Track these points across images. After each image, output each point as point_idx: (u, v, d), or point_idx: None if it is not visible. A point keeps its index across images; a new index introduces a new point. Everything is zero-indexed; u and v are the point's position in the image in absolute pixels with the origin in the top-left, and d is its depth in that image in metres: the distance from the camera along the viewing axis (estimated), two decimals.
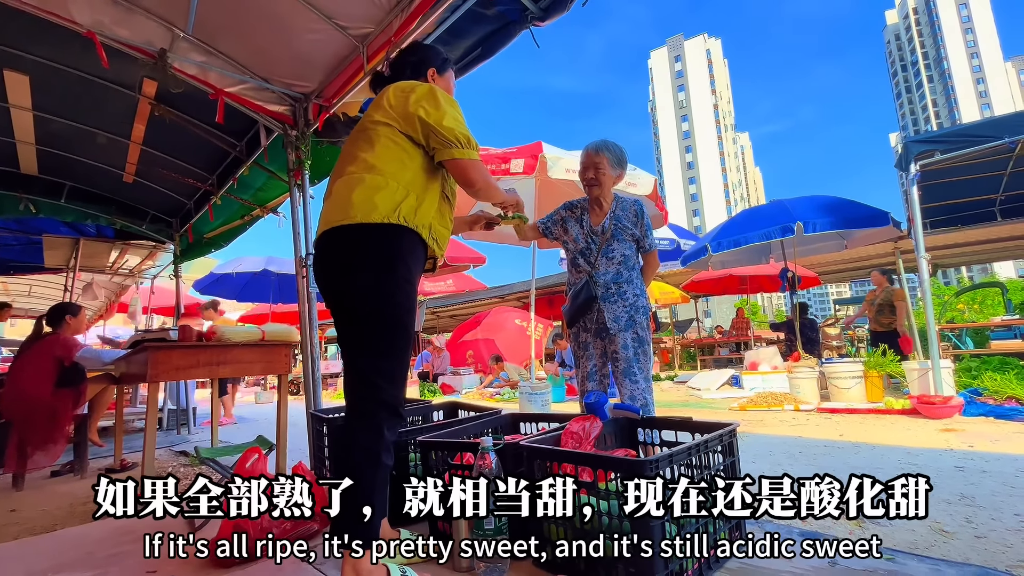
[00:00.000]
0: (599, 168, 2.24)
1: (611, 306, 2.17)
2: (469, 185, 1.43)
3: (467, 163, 1.41)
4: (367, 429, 1.26)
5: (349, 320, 1.34)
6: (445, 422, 2.14)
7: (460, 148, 1.39)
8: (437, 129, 1.38)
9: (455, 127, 1.39)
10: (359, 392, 1.30)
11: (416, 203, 1.37)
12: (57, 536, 1.93)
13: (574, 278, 2.31)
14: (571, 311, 2.24)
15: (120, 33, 2.40)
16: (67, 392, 3.21)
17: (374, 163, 1.37)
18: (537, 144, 4.37)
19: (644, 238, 2.27)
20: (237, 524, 1.48)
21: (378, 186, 1.34)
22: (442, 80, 1.65)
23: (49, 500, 2.67)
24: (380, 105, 1.46)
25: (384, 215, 1.31)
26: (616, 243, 2.23)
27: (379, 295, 1.30)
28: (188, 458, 3.63)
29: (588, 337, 2.27)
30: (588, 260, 2.25)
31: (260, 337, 2.80)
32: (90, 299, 7.40)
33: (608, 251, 2.22)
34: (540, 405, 4.97)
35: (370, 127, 1.44)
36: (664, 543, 1.14)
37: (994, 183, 6.19)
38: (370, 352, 1.31)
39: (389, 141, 1.40)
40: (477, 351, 10.22)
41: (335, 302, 1.37)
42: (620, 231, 2.23)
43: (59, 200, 4.42)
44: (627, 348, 2.15)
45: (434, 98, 1.41)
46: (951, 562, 1.29)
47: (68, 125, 3.46)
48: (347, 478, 1.23)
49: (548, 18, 2.24)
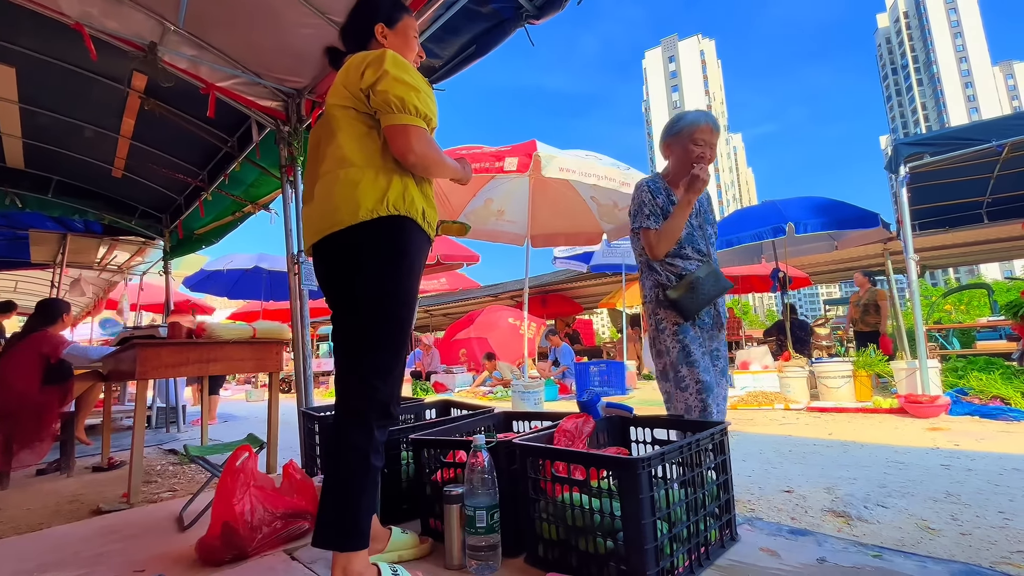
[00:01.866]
0: (714, 147, 1.95)
1: (721, 299, 1.95)
2: (402, 156, 1.25)
3: (397, 129, 1.23)
4: (358, 429, 1.22)
5: (349, 317, 1.29)
6: (437, 420, 2.14)
7: (392, 113, 1.22)
8: (373, 94, 1.24)
9: (389, 89, 1.22)
10: (354, 390, 1.25)
11: (402, 188, 1.27)
12: (42, 535, 1.90)
13: (673, 271, 1.89)
14: (697, 301, 1.83)
15: (109, 25, 2.36)
16: (54, 389, 3.16)
17: (343, 155, 1.26)
18: (531, 142, 4.37)
19: (713, 224, 2.03)
20: (227, 523, 1.47)
21: (355, 180, 1.24)
22: (395, 35, 1.43)
23: (34, 499, 2.63)
24: (335, 87, 1.33)
25: (371, 209, 1.22)
26: (709, 227, 1.99)
27: (384, 292, 1.24)
28: (177, 456, 3.59)
29: (698, 334, 1.88)
30: (696, 247, 1.93)
31: (251, 335, 2.78)
32: (77, 295, 7.29)
33: (708, 235, 1.97)
34: (533, 404, 4.97)
35: (330, 114, 1.33)
36: (655, 541, 1.14)
37: (981, 186, 6.27)
38: (370, 349, 1.25)
39: (351, 125, 1.28)
40: (470, 349, 10.21)
41: (336, 302, 1.32)
42: (705, 212, 2.00)
43: (46, 195, 4.36)
44: (724, 345, 1.96)
45: (378, 62, 1.25)
46: (937, 559, 1.31)
47: (56, 118, 3.40)
48: (336, 478, 1.20)
49: (543, 16, 2.24)
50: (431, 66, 2.69)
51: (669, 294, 1.83)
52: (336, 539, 1.17)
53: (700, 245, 1.94)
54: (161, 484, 2.83)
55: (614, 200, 5.33)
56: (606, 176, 4.47)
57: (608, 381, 6.85)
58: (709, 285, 1.85)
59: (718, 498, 1.42)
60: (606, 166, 4.53)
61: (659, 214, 1.91)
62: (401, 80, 1.24)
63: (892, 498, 2.09)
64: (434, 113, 1.31)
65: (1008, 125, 4.38)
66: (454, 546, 1.36)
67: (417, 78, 1.30)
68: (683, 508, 1.26)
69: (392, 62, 1.26)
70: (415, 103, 1.24)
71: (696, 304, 1.83)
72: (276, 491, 1.67)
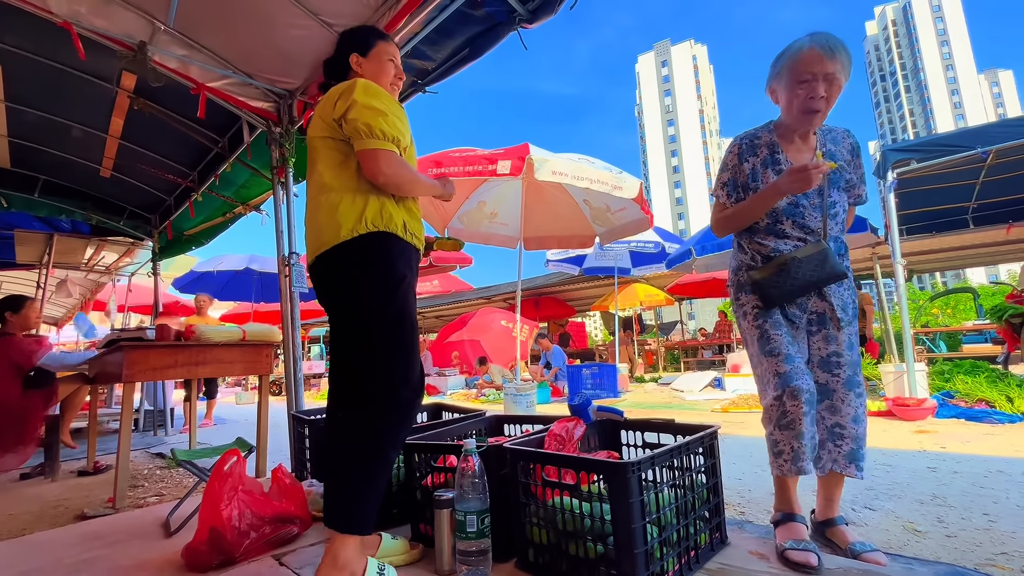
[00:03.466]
0: (834, 80, 1.40)
1: (838, 289, 1.52)
2: (373, 178, 1.33)
3: (367, 153, 1.32)
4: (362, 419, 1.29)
5: (346, 328, 1.38)
6: (429, 424, 2.13)
7: (362, 138, 1.31)
8: (345, 123, 1.32)
9: (358, 116, 1.31)
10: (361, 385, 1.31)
11: (379, 206, 1.36)
12: (25, 541, 1.87)
13: (761, 252, 1.54)
14: (784, 286, 1.47)
15: (98, 24, 2.34)
16: (37, 393, 3.10)
17: (323, 182, 1.37)
18: (524, 146, 4.37)
19: (861, 184, 1.58)
20: (214, 528, 1.45)
21: (335, 204, 1.34)
22: (369, 62, 1.50)
23: (17, 503, 2.58)
24: (314, 119, 1.43)
25: (351, 229, 1.31)
26: (836, 193, 1.53)
27: (373, 302, 1.32)
28: (164, 460, 3.55)
29: (787, 330, 1.51)
30: (801, 221, 1.51)
31: (241, 337, 2.75)
32: (64, 296, 7.19)
33: (831, 206, 1.52)
34: (525, 406, 4.97)
35: (311, 146, 1.43)
36: (645, 545, 1.14)
37: (967, 191, 6.38)
38: (368, 351, 1.32)
39: (328, 153, 1.38)
40: (463, 352, 10.19)
41: (333, 317, 1.42)
42: (838, 174, 1.53)
43: (32, 194, 4.30)
44: (852, 348, 1.50)
45: (348, 92, 1.34)
46: (923, 560, 1.33)
47: (42, 117, 3.36)
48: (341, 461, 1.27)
49: (536, 20, 2.25)
50: (424, 68, 2.69)
51: (752, 275, 1.53)
52: (335, 520, 1.24)
53: (809, 220, 1.50)
54: (148, 488, 2.79)
55: (606, 203, 5.35)
56: (599, 180, 4.48)
57: (600, 384, 6.86)
58: (809, 269, 1.46)
59: (708, 501, 1.43)
60: (599, 170, 4.54)
61: (738, 183, 1.56)
62: (369, 107, 1.33)
63: (879, 500, 2.11)
64: (403, 134, 1.40)
65: (993, 132, 4.46)
66: (444, 551, 1.35)
67: (386, 103, 1.37)
68: (673, 512, 1.27)
69: (361, 91, 1.34)
70: (382, 127, 1.32)
71: (784, 290, 1.47)
72: (265, 496, 1.65)
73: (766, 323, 1.50)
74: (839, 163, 1.52)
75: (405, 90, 2.81)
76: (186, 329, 2.67)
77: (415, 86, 2.77)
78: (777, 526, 1.46)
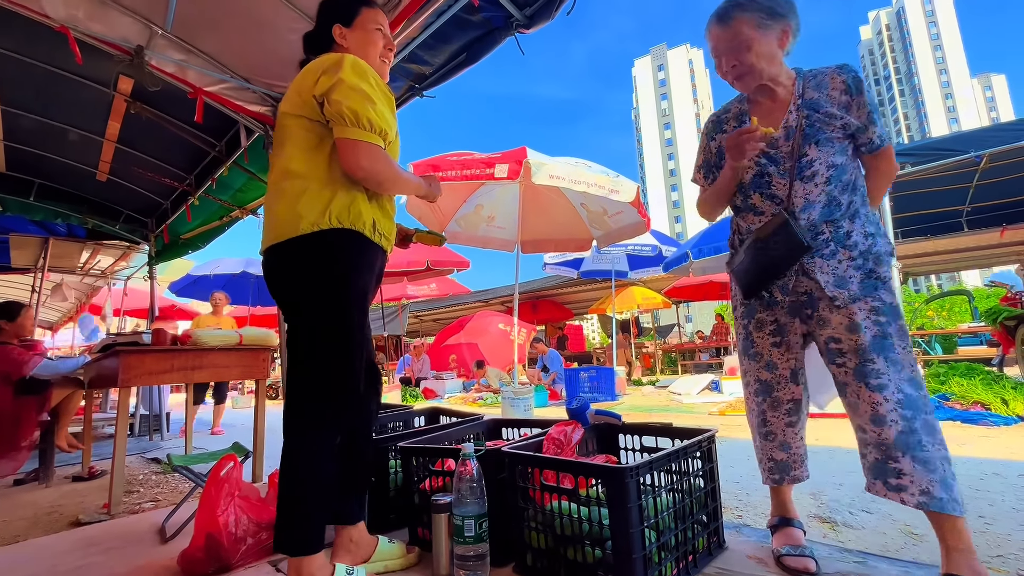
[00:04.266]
0: (740, 45, 1.29)
1: (828, 261, 1.28)
2: (351, 171, 1.21)
3: (348, 143, 1.19)
4: (304, 434, 1.23)
5: (297, 327, 1.30)
6: (426, 428, 2.13)
7: (345, 125, 1.18)
8: (327, 103, 1.19)
9: (343, 99, 1.17)
10: (300, 396, 1.26)
11: (348, 200, 1.23)
12: (19, 548, 1.85)
13: (745, 224, 1.43)
14: (753, 271, 1.34)
15: (95, 29, 2.33)
16: (30, 399, 3.08)
17: (288, 166, 1.24)
18: (521, 149, 4.39)
19: (870, 126, 1.29)
20: (210, 534, 1.44)
21: (299, 192, 1.21)
22: (354, 32, 1.35)
23: (12, 510, 2.56)
24: (288, 93, 1.28)
25: (313, 222, 1.20)
26: (815, 149, 1.29)
27: (327, 305, 1.24)
28: (160, 465, 3.53)
29: (776, 318, 1.37)
30: (768, 191, 1.34)
31: (238, 341, 2.74)
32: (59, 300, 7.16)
33: (804, 167, 1.30)
34: (523, 410, 4.96)
35: (281, 123, 1.29)
36: (643, 549, 1.14)
37: (961, 195, 6.43)
38: (314, 358, 1.25)
39: (300, 135, 1.24)
40: (460, 355, 10.17)
41: (285, 312, 1.33)
42: (820, 125, 1.29)
43: (28, 198, 4.28)
44: (859, 330, 1.22)
45: (334, 67, 1.20)
46: (920, 564, 1.33)
47: (38, 121, 3.35)
48: (285, 482, 1.22)
49: (533, 26, 2.26)
50: (421, 73, 2.69)
51: (728, 264, 1.43)
52: (286, 544, 1.18)
53: (777, 189, 1.33)
54: (143, 494, 2.77)
55: (603, 207, 5.37)
56: (596, 183, 4.50)
57: (598, 387, 6.87)
58: (775, 246, 1.29)
59: (706, 506, 1.43)
60: (596, 173, 4.56)
61: (711, 163, 1.46)
62: (357, 89, 1.19)
63: (877, 503, 2.11)
64: (391, 125, 1.28)
65: (986, 137, 4.51)
66: (442, 556, 1.35)
67: (375, 87, 1.24)
68: (671, 516, 1.27)
69: (349, 69, 1.20)
70: (369, 116, 1.20)
71: (751, 277, 1.34)
72: (262, 501, 1.65)
73: (750, 323, 1.41)
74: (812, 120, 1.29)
75: (402, 95, 2.82)
76: (182, 334, 2.66)
77: (412, 91, 2.77)
78: (774, 531, 1.45)
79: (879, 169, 1.38)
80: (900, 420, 1.17)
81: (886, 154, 1.35)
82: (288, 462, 1.23)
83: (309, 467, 1.23)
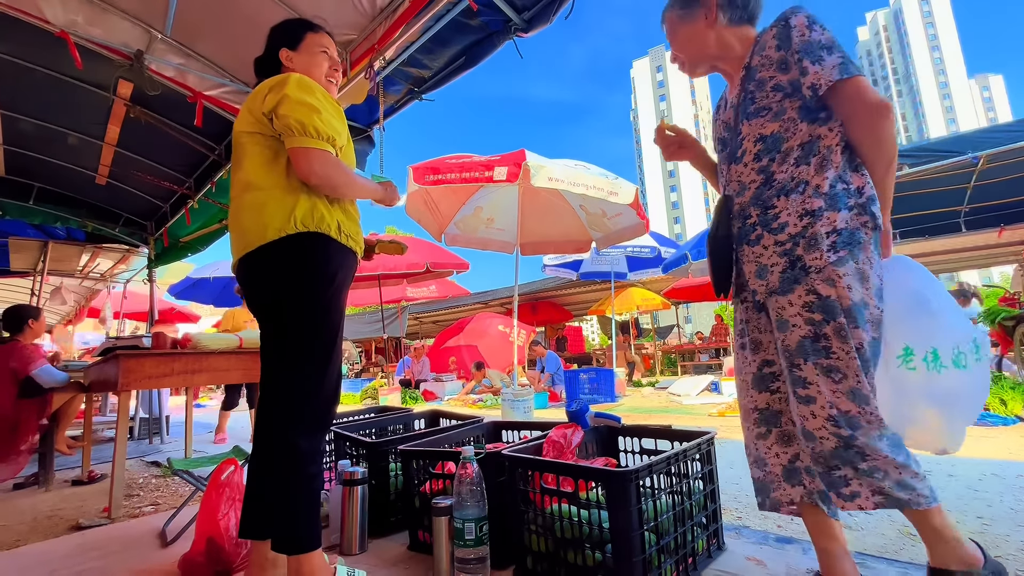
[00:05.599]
0: (673, 40, 1.29)
1: (752, 248, 1.16)
2: (305, 178, 1.27)
3: (299, 152, 1.25)
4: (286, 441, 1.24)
5: (272, 333, 1.32)
6: (426, 431, 2.13)
7: (294, 136, 1.24)
8: (276, 118, 1.26)
9: (290, 113, 1.24)
10: (279, 403, 1.28)
11: (310, 205, 1.28)
12: (19, 553, 1.85)
13: None
14: (711, 265, 1.26)
15: (94, 33, 2.34)
16: (30, 402, 3.08)
17: (248, 180, 1.30)
18: (520, 152, 4.40)
19: (804, 74, 1.06)
20: (211, 538, 1.45)
21: (261, 203, 1.27)
22: (300, 55, 1.43)
23: (11, 514, 2.56)
24: (241, 113, 1.35)
25: (279, 228, 1.24)
26: (747, 124, 1.17)
27: (302, 307, 1.27)
28: (160, 468, 3.52)
29: (742, 316, 1.27)
30: (722, 180, 1.28)
31: (238, 344, 2.74)
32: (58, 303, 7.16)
33: (736, 146, 1.20)
34: (522, 412, 4.97)
35: (236, 141, 1.35)
36: (643, 552, 1.15)
37: (959, 196, 6.45)
38: (292, 364, 1.28)
39: (256, 150, 1.31)
40: (460, 357, 10.17)
41: (261, 320, 1.36)
42: (751, 95, 1.16)
43: (27, 202, 4.28)
44: (793, 327, 1.09)
45: (280, 85, 1.28)
46: (919, 564, 1.33)
47: (38, 125, 3.36)
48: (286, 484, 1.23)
49: (531, 29, 2.27)
50: (420, 76, 2.70)
51: None
52: (285, 543, 1.20)
53: (722, 176, 1.27)
54: (143, 498, 2.77)
55: (603, 209, 5.37)
56: (595, 185, 4.51)
57: (598, 389, 6.86)
58: (717, 238, 1.22)
59: (705, 508, 1.43)
60: (595, 176, 4.57)
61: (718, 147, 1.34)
62: (302, 102, 1.26)
63: None
64: (339, 132, 1.33)
65: (983, 138, 4.53)
66: (443, 559, 1.35)
67: (320, 99, 1.31)
68: (671, 518, 1.27)
69: (294, 85, 1.28)
70: (316, 125, 1.26)
71: (711, 271, 1.26)
72: None
73: (737, 328, 1.30)
74: (747, 91, 1.17)
75: (402, 98, 2.83)
76: (183, 337, 2.66)
77: (411, 94, 2.78)
78: None
79: (846, 117, 1.08)
80: (832, 437, 1.04)
81: (844, 94, 1.05)
82: (286, 463, 1.23)
83: (307, 465, 1.24)
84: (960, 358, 1.12)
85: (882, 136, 1.06)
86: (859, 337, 1.04)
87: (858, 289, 1.06)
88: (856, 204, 1.09)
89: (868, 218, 1.08)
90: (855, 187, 1.10)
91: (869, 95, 1.04)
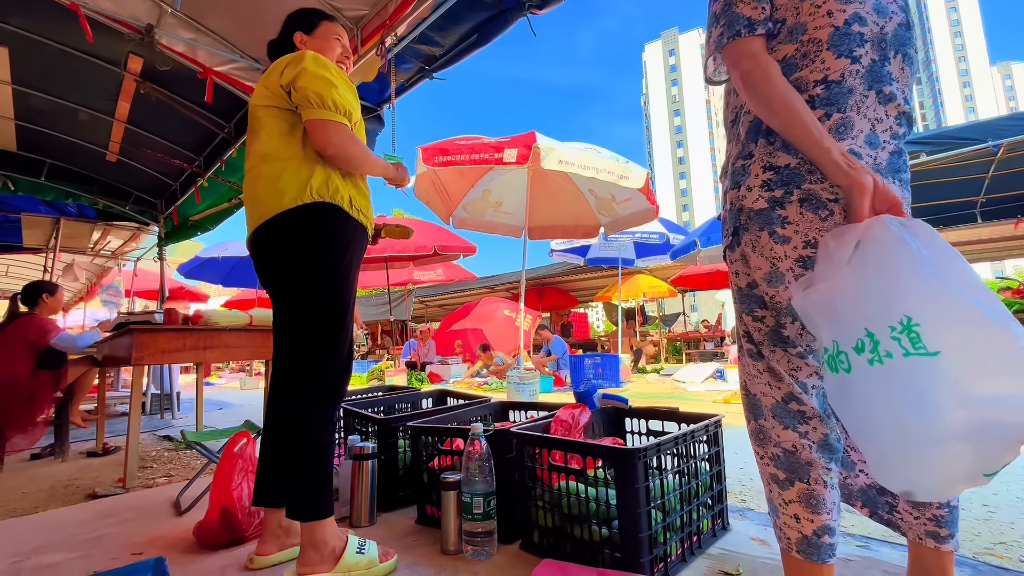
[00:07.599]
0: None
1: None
2: (322, 149, 1.30)
3: (316, 124, 1.28)
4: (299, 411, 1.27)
5: (284, 304, 1.35)
6: (434, 409, 2.15)
7: (312, 108, 1.28)
8: (294, 89, 1.29)
9: (308, 85, 1.28)
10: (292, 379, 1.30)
11: (325, 176, 1.31)
12: (38, 518, 1.91)
13: None
14: None
15: (105, 6, 2.33)
16: (47, 374, 3.15)
17: (265, 151, 1.32)
18: (531, 134, 4.35)
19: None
20: (225, 507, 1.48)
21: (277, 173, 1.29)
22: (314, 40, 1.49)
23: (29, 483, 2.63)
24: (257, 89, 1.39)
25: (295, 197, 1.27)
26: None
27: (315, 277, 1.30)
28: (172, 442, 3.59)
29: None
30: None
31: (248, 322, 2.77)
32: (70, 280, 7.24)
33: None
34: (528, 395, 5.00)
35: (253, 115, 1.39)
36: (649, 529, 1.16)
37: (976, 185, 6.32)
38: (304, 334, 1.30)
39: (272, 123, 1.34)
40: (465, 341, 10.22)
41: (273, 292, 1.38)
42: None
43: (39, 178, 4.30)
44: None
45: (297, 60, 1.32)
46: None
47: (49, 100, 3.35)
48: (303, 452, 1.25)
49: (546, 6, 2.23)
50: (432, 55, 2.67)
51: None
52: (300, 510, 1.23)
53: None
54: (156, 470, 2.83)
55: (612, 193, 5.33)
56: (605, 169, 4.46)
57: (603, 374, 6.89)
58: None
59: (711, 488, 1.44)
60: (605, 159, 4.52)
61: None
62: (320, 76, 1.30)
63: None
64: (354, 108, 1.37)
65: (1004, 126, 4.41)
66: (451, 532, 1.38)
67: (336, 74, 1.35)
68: (677, 497, 1.29)
69: (311, 60, 1.31)
70: (334, 98, 1.29)
71: None
72: None
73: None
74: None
75: (412, 76, 2.79)
76: (194, 314, 2.70)
77: (422, 72, 2.75)
78: None
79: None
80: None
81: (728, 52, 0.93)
82: (301, 431, 1.26)
83: (321, 434, 1.28)
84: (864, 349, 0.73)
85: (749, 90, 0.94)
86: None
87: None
88: None
89: None
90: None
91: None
